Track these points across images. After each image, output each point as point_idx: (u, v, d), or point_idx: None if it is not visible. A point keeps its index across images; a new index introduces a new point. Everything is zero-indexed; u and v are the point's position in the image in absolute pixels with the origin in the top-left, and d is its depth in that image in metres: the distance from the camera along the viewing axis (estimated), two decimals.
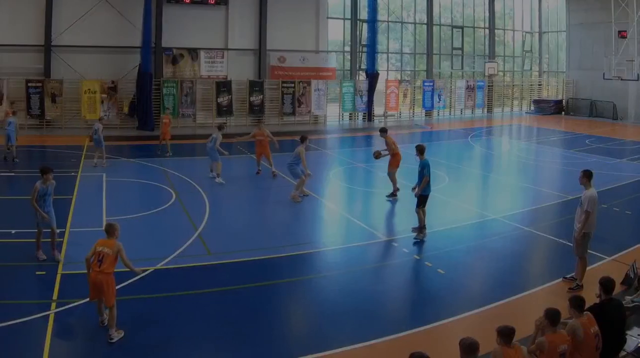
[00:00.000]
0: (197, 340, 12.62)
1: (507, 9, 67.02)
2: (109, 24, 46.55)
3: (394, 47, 61.17)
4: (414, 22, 61.27)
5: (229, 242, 19.28)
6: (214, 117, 49.26)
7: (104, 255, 12.27)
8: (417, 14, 61.23)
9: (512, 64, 69.43)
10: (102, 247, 12.41)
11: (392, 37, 60.51)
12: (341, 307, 14.58)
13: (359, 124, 55.62)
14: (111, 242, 12.56)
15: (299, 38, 53.71)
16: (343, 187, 29.36)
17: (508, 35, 68.73)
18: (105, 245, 12.47)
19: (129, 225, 19.96)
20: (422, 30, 61.40)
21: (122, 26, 46.99)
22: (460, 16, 63.89)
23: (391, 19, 59.45)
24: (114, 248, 12.44)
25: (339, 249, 19.17)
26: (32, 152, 36.07)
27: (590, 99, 62.98)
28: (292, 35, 53.10)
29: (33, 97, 45.01)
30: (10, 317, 13.03)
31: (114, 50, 47.45)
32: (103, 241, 12.65)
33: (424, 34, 61.16)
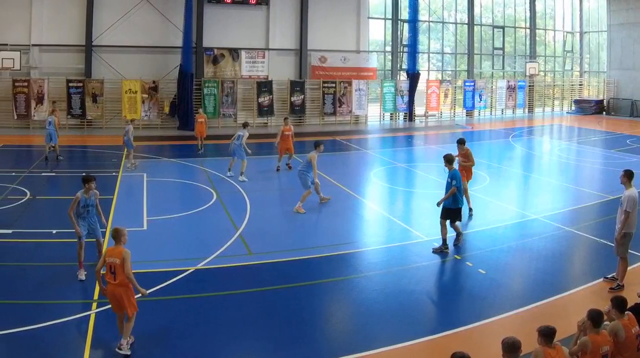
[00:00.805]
0: (238, 341, 12.39)
1: (548, 8, 64.27)
2: (150, 24, 45.79)
3: (435, 47, 59.21)
4: (455, 22, 59.20)
5: (270, 242, 18.72)
6: (254, 117, 48.07)
7: (115, 267, 11.43)
8: (458, 14, 59.27)
9: (553, 64, 66.72)
10: (110, 258, 11.52)
11: (433, 37, 58.63)
12: (382, 307, 14.14)
13: (400, 124, 53.91)
14: (118, 251, 11.59)
15: (339, 38, 52.10)
16: (384, 187, 28.28)
17: (549, 35, 66.15)
18: (113, 254, 11.55)
19: (169, 226, 20.25)
20: (463, 30, 59.36)
21: (163, 26, 46.25)
22: (501, 16, 61.45)
23: (432, 19, 57.55)
24: (121, 256, 11.45)
25: (380, 249, 18.54)
26: (73, 152, 35.26)
27: (632, 99, 60.42)
28: (333, 35, 51.60)
29: (74, 97, 43.81)
30: (51, 317, 12.77)
31: (155, 50, 46.49)
32: (111, 250, 11.74)
33: (465, 34, 59.14)
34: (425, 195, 25.23)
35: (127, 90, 44.69)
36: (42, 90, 43.19)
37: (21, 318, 12.66)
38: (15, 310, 13.31)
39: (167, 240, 18.79)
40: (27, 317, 12.68)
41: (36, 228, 19.12)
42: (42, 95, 43.19)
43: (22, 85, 42.74)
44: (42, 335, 12.03)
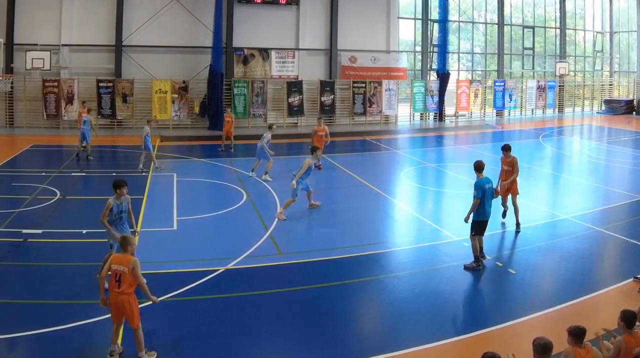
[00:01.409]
0: (268, 341, 12.19)
1: (578, 8, 62.12)
2: (180, 24, 44.54)
3: (465, 47, 57.34)
4: (485, 22, 57.05)
5: (300, 242, 18.57)
6: (284, 117, 47.07)
7: (121, 274, 10.87)
8: (488, 14, 56.68)
9: (583, 64, 64.26)
10: (117, 265, 10.95)
11: (463, 37, 56.76)
12: (412, 307, 13.85)
13: (430, 124, 52.16)
14: (127, 259, 11.04)
15: (369, 38, 50.23)
16: (414, 187, 27.55)
17: (579, 35, 63.85)
18: (121, 262, 10.97)
19: (199, 226, 19.93)
20: (493, 30, 57.08)
21: (193, 26, 44.87)
22: (531, 16, 59.57)
23: (462, 19, 55.51)
24: (130, 265, 10.93)
25: (410, 249, 18.13)
26: (103, 152, 34.77)
27: None
28: (362, 35, 49.74)
29: (104, 97, 42.70)
30: (80, 317, 12.58)
31: (185, 50, 45.20)
32: (118, 257, 11.16)
33: (495, 34, 56.92)
34: (456, 195, 24.91)
35: (157, 90, 43.55)
36: (72, 90, 42.22)
37: (51, 318, 12.41)
38: (45, 310, 13.06)
39: (197, 240, 18.43)
40: (56, 317, 12.44)
41: (66, 229, 18.66)
42: (72, 95, 42.22)
43: (52, 85, 41.82)
44: (72, 335, 11.87)
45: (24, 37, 41.54)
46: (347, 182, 27.36)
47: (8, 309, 12.96)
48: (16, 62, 41.36)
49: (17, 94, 41.88)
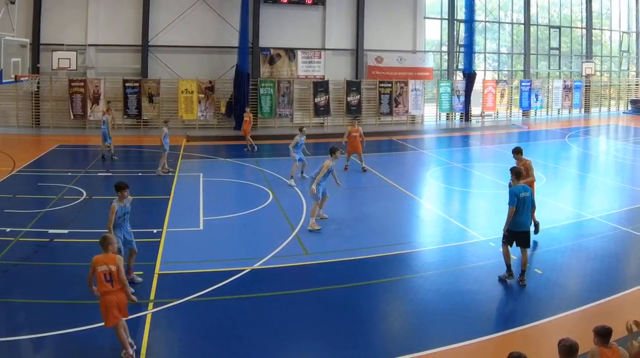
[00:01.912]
0: (294, 341, 11.82)
1: (604, 8, 60.19)
2: (206, 24, 43.61)
3: (491, 47, 55.55)
4: (511, 22, 55.25)
5: (326, 242, 17.89)
6: (310, 117, 45.92)
7: (111, 273, 10.69)
8: (514, 14, 55.76)
9: (609, 64, 62.33)
10: (104, 266, 10.69)
11: (489, 37, 54.89)
12: (438, 307, 13.46)
13: (456, 124, 50.84)
14: (111, 258, 10.84)
15: (396, 38, 48.83)
16: (440, 187, 26.74)
17: (605, 35, 61.98)
18: (107, 262, 10.74)
19: (226, 226, 19.48)
20: (519, 30, 55.26)
21: (220, 26, 43.79)
22: (557, 16, 58.26)
23: (488, 19, 53.77)
24: (116, 262, 10.77)
25: (436, 249, 17.67)
26: (129, 152, 34.11)
27: None
28: (389, 35, 48.39)
29: (130, 97, 41.73)
30: None
31: (211, 50, 44.04)
32: (103, 258, 10.84)
33: (521, 34, 55.08)
34: (482, 195, 24.61)
35: (183, 90, 42.49)
36: (98, 90, 41.32)
37: (77, 318, 12.12)
38: (71, 310, 12.76)
39: (223, 240, 18.05)
40: (82, 317, 12.13)
41: (92, 229, 17.91)
42: (98, 95, 41.29)
43: (78, 85, 40.98)
44: (98, 335, 11.55)
45: (50, 37, 40.76)
46: (373, 182, 26.66)
47: (34, 309, 12.58)
48: (42, 62, 40.53)
49: (43, 94, 41.15)
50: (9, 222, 18.64)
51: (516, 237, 14.71)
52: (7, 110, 41.35)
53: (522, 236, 14.74)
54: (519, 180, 14.94)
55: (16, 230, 17.77)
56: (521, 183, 14.80)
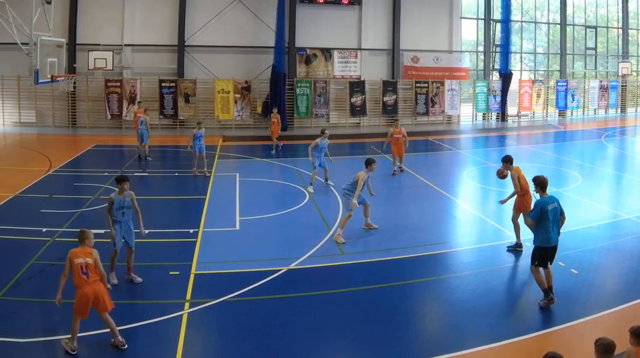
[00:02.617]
0: (330, 341, 11.51)
1: None
2: (242, 24, 42.12)
3: (527, 47, 53.44)
4: (548, 22, 53.16)
5: (362, 242, 17.46)
6: (347, 117, 44.14)
7: (87, 266, 10.54)
8: (551, 14, 53.91)
9: None
10: (80, 259, 10.55)
11: (526, 37, 53.36)
12: (474, 307, 12.97)
13: (492, 124, 48.83)
14: (88, 251, 10.74)
15: (432, 38, 47.01)
16: (476, 187, 25.98)
17: None
18: (84, 255, 10.63)
19: (262, 225, 18.94)
20: (555, 30, 53.90)
21: (256, 26, 42.17)
22: (593, 16, 55.79)
23: (524, 19, 52.34)
24: (93, 255, 10.69)
25: (472, 249, 17.08)
26: (165, 152, 33.06)
27: None
28: (425, 35, 46.58)
29: (166, 97, 40.33)
30: (145, 316, 12.06)
31: (247, 50, 42.50)
32: (79, 251, 10.71)
33: (557, 34, 53.53)
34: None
35: (219, 90, 40.96)
36: (134, 90, 39.99)
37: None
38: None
39: (259, 240, 17.50)
40: (119, 317, 11.46)
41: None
42: (135, 95, 39.88)
43: (114, 85, 39.78)
44: (135, 335, 11.27)
45: (86, 37, 39.70)
46: (409, 182, 25.84)
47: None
48: (79, 62, 39.53)
49: (79, 94, 40.16)
50: (45, 222, 18.10)
51: (546, 254, 13.06)
52: (43, 110, 40.36)
53: (552, 252, 13.12)
54: (544, 191, 13.16)
55: (52, 230, 17.26)
56: (547, 194, 13.07)
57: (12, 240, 16.49)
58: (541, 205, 12.76)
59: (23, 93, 39.41)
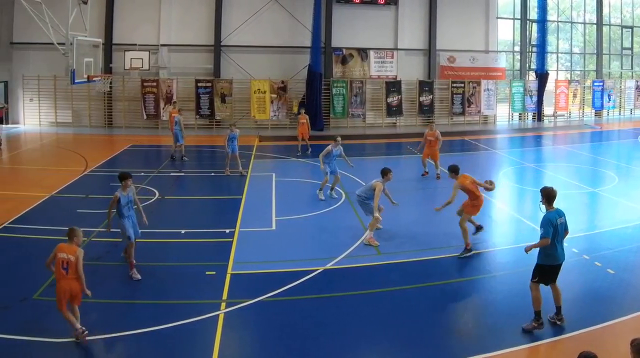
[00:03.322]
0: (365, 341, 11.11)
1: None
2: (279, 24, 40.52)
3: (563, 47, 51.62)
4: (584, 22, 51.22)
5: (398, 242, 16.89)
6: (383, 118, 42.25)
7: (68, 262, 10.49)
8: (587, 14, 51.30)
9: None
10: (64, 254, 10.53)
11: (562, 37, 50.98)
12: (510, 307, 12.36)
13: (529, 124, 46.37)
14: (73, 248, 10.63)
15: (468, 38, 44.87)
16: (513, 187, 25.05)
17: None
18: (68, 251, 10.55)
19: (298, 225, 18.42)
20: (591, 30, 51.42)
21: (292, 26, 40.54)
22: (630, 16, 53.41)
23: (561, 19, 49.94)
24: (76, 254, 10.54)
25: (508, 249, 16.49)
26: (202, 152, 32.12)
27: None
28: (461, 35, 44.46)
29: (203, 97, 38.83)
30: (181, 316, 11.66)
31: (284, 50, 40.78)
32: (65, 247, 10.65)
33: (593, 34, 51.19)
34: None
35: (255, 90, 39.29)
36: (170, 90, 38.57)
37: (150, 317, 11.55)
38: (145, 310, 12.18)
39: (295, 240, 17.01)
40: (156, 317, 11.58)
41: (165, 229, 17.45)
42: (171, 95, 38.44)
43: (150, 85, 38.41)
44: (171, 335, 11.04)
45: (122, 37, 38.51)
46: (445, 182, 24.00)
47: (106, 309, 12.07)
48: (115, 62, 38.35)
49: (115, 94, 38.88)
50: (81, 221, 16.83)
51: (551, 271, 11.69)
52: (79, 110, 39.20)
53: (556, 270, 11.73)
54: (550, 204, 11.80)
55: (89, 229, 16.58)
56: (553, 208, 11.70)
57: (48, 240, 15.52)
58: (551, 220, 11.44)
59: (59, 93, 38.40)
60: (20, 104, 39.15)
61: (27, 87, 38.73)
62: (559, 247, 11.48)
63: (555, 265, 11.57)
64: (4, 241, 16.27)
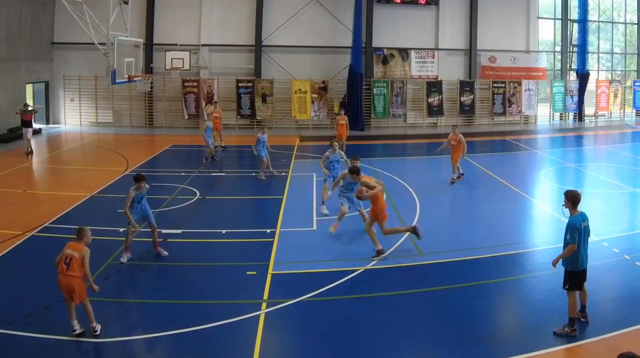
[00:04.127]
0: (406, 341, 10.69)
1: None
2: (319, 24, 38.70)
3: (604, 47, 49.06)
4: (625, 22, 48.54)
5: (439, 242, 16.08)
6: (424, 118, 40.16)
7: (72, 259, 10.29)
8: (628, 14, 48.68)
9: None
10: (70, 251, 10.41)
11: (603, 37, 48.47)
12: (551, 307, 11.66)
13: (570, 124, 44.21)
14: (80, 246, 10.48)
15: (509, 38, 42.58)
16: (553, 187, 23.68)
17: None
18: (74, 249, 10.42)
19: (340, 225, 17.03)
20: (632, 30, 48.66)
21: (333, 26, 38.65)
22: None
23: (602, 19, 47.31)
24: (81, 252, 10.38)
25: (549, 249, 15.19)
26: (242, 152, 30.59)
27: None
28: (502, 35, 42.20)
29: (243, 97, 37.22)
30: (222, 316, 11.25)
31: (324, 50, 38.90)
32: (73, 244, 10.54)
33: (634, 34, 48.40)
34: (595, 196, 21.48)
35: (296, 90, 37.48)
36: (211, 90, 36.95)
37: (191, 317, 11.10)
38: (185, 310, 11.69)
39: (336, 240, 16.30)
40: (197, 317, 11.11)
41: (205, 229, 16.99)
42: (212, 95, 36.82)
43: (191, 85, 36.90)
44: (212, 335, 10.59)
45: (163, 37, 37.17)
46: (486, 182, 24.23)
47: (148, 309, 11.72)
48: (156, 62, 36.97)
49: (156, 94, 37.46)
50: (122, 222, 16.55)
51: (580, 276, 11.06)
52: (120, 110, 37.76)
53: (584, 274, 11.11)
54: (575, 207, 11.04)
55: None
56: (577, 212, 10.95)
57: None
58: (576, 225, 10.74)
59: (100, 93, 37.06)
60: (61, 104, 37.92)
61: (68, 87, 37.48)
62: (584, 251, 10.83)
63: (583, 270, 10.93)
64: (45, 241, 15.76)
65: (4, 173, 24.20)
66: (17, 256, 14.63)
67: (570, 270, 10.89)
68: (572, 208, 10.97)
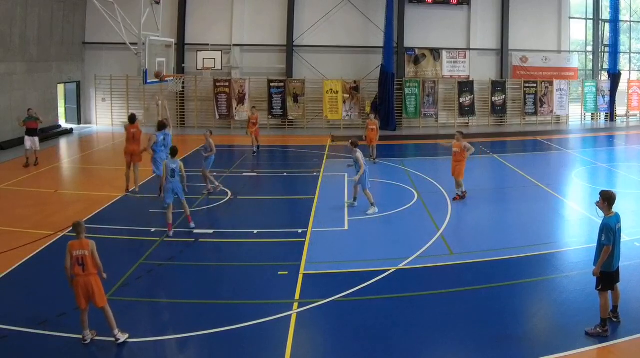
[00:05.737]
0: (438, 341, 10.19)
1: None
2: (351, 24, 36.38)
3: (636, 47, 45.97)
4: None
5: (471, 242, 15.10)
6: (455, 118, 37.55)
7: (84, 258, 9.47)
8: None
9: None
10: (78, 251, 9.50)
11: (635, 37, 45.42)
12: (583, 308, 11.05)
13: (601, 124, 41.44)
14: (85, 242, 9.60)
15: (540, 38, 39.95)
16: (585, 187, 22.58)
17: None
18: (81, 247, 9.53)
19: (371, 225, 16.65)
20: None
21: (364, 26, 36.26)
22: None
23: (633, 18, 44.17)
24: (89, 247, 9.55)
25: (581, 249, 14.29)
26: (274, 152, 29.40)
27: None
28: (534, 35, 39.58)
29: (275, 97, 34.94)
30: (254, 316, 10.75)
31: (356, 50, 36.51)
32: (77, 243, 9.58)
33: None
34: (627, 196, 20.30)
35: (328, 90, 35.05)
36: (243, 90, 34.76)
37: (223, 317, 10.64)
38: (217, 310, 11.14)
39: (368, 240, 15.45)
40: (228, 317, 10.64)
41: (237, 229, 16.21)
42: (243, 95, 34.68)
43: (223, 85, 34.66)
44: (244, 335, 10.08)
45: (195, 38, 35.17)
46: (518, 182, 23.26)
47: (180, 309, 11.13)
48: (187, 62, 34.99)
49: (188, 94, 35.41)
50: (154, 222, 16.61)
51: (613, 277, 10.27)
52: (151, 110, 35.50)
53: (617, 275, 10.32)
54: (611, 208, 10.23)
55: (161, 230, 15.62)
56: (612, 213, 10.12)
57: (120, 240, 15.02)
58: (611, 225, 10.01)
59: (132, 93, 35.02)
60: (93, 103, 35.92)
61: (99, 87, 35.44)
62: (618, 252, 10.17)
63: (615, 271, 10.26)
64: None
65: (36, 173, 23.13)
66: (50, 256, 13.85)
67: (603, 271, 10.21)
68: (608, 209, 10.25)
